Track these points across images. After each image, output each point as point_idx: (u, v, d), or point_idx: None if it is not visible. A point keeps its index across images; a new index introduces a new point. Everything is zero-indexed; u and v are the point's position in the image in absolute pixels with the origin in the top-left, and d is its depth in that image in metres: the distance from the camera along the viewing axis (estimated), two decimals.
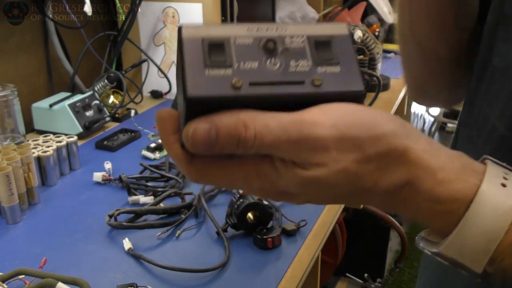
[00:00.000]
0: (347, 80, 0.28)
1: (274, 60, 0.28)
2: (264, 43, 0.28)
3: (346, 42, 0.29)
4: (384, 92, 1.50)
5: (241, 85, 0.27)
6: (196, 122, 0.28)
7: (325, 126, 0.28)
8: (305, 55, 0.28)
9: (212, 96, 0.26)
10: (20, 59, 1.23)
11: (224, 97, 0.26)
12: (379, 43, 1.48)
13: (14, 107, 1.03)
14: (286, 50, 0.28)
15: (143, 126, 1.21)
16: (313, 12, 2.18)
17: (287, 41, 0.28)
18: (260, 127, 0.27)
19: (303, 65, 0.28)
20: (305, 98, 0.28)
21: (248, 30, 0.28)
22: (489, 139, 0.41)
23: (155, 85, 1.48)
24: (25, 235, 0.81)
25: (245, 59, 0.27)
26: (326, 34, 0.29)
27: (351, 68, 0.28)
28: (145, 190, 0.92)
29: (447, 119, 3.34)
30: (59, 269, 0.70)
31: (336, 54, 0.28)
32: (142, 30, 1.46)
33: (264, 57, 0.28)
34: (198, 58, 0.27)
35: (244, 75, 0.27)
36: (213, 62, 0.27)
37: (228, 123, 0.27)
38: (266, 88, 0.27)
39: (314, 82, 0.27)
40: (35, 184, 0.88)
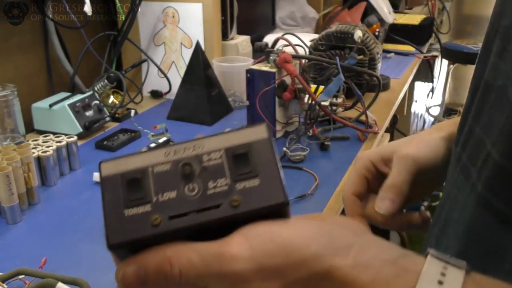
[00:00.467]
0: (267, 193, 0.28)
1: (192, 185, 0.28)
2: (181, 168, 0.28)
3: (266, 147, 0.29)
4: (384, 92, 1.50)
5: (160, 221, 0.27)
6: (125, 265, 0.29)
7: (244, 259, 0.28)
8: (223, 172, 0.28)
9: (132, 240, 0.27)
10: (20, 59, 1.23)
11: (145, 237, 0.27)
12: (379, 43, 1.48)
13: (14, 107, 1.03)
14: (204, 170, 0.28)
15: (143, 126, 1.21)
16: (313, 12, 2.18)
17: (204, 159, 0.28)
18: (183, 263, 0.28)
19: (221, 185, 0.28)
20: (224, 220, 0.28)
21: (165, 155, 0.29)
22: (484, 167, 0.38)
23: (155, 85, 1.48)
24: (25, 235, 0.81)
25: (164, 190, 0.28)
26: (245, 142, 0.29)
27: (271, 178, 0.28)
28: None
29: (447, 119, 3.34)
30: (59, 269, 0.70)
31: (255, 165, 0.28)
32: (142, 30, 1.46)
33: (182, 183, 0.28)
34: (117, 198, 0.28)
35: (163, 209, 0.27)
36: (131, 200, 0.27)
37: (154, 262, 0.28)
38: (185, 220, 0.27)
39: (232, 203, 0.27)
40: (35, 184, 0.88)
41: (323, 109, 1.14)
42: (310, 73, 1.41)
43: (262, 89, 1.11)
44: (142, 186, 0.28)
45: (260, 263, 0.28)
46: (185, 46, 1.44)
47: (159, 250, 0.28)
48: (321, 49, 1.42)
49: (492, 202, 0.37)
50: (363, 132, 1.17)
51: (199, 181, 0.28)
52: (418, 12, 2.76)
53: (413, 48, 2.03)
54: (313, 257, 0.29)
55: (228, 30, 1.50)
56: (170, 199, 0.28)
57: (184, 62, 1.43)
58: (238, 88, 1.39)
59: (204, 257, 0.28)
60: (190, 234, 0.28)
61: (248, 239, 0.29)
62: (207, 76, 1.26)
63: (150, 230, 0.27)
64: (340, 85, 1.14)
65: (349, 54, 1.27)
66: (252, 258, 0.28)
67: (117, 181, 0.28)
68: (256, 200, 0.28)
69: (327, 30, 1.42)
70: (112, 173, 0.28)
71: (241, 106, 1.36)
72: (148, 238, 0.27)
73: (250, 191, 0.28)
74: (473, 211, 0.39)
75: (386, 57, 1.93)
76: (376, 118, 1.22)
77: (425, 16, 2.35)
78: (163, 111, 1.33)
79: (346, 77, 1.16)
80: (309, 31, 2.13)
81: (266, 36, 1.80)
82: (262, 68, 1.13)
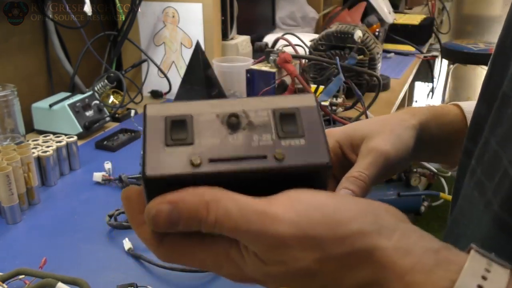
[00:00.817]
0: (312, 153, 0.28)
1: (236, 136, 0.27)
2: (227, 118, 0.28)
3: (313, 114, 0.29)
4: (384, 92, 1.50)
5: (200, 162, 0.26)
6: (158, 202, 0.27)
7: (288, 223, 0.27)
8: (269, 129, 0.28)
9: (169, 175, 0.26)
10: (20, 59, 1.23)
11: (182, 175, 0.26)
12: (379, 43, 1.48)
13: (14, 107, 1.03)
14: (250, 124, 0.28)
15: None
16: (313, 12, 2.18)
17: (251, 115, 0.28)
18: (221, 213, 0.27)
19: (266, 139, 0.27)
20: (267, 172, 0.27)
21: (211, 107, 0.28)
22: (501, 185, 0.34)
23: (155, 85, 1.48)
24: (25, 235, 0.81)
25: (207, 136, 0.27)
26: (292, 106, 0.29)
27: (317, 141, 0.28)
28: None
29: None
30: (59, 269, 0.69)
31: (301, 127, 0.28)
32: (142, 30, 1.46)
33: (226, 132, 0.28)
34: (159, 136, 0.27)
35: (204, 151, 0.27)
36: (174, 140, 0.27)
37: (190, 204, 0.27)
38: (226, 165, 0.27)
39: (276, 156, 0.27)
40: (35, 184, 0.88)
41: (323, 109, 1.14)
42: (310, 73, 1.41)
43: (262, 89, 1.11)
44: (186, 129, 0.27)
45: (303, 231, 0.27)
46: (185, 46, 1.44)
47: (198, 193, 0.27)
48: (321, 49, 1.42)
49: (509, 224, 0.34)
50: None
51: (244, 133, 0.27)
52: (418, 12, 2.76)
53: (413, 48, 2.03)
54: (358, 233, 0.27)
55: (228, 30, 1.50)
56: (213, 144, 0.27)
57: (184, 62, 1.43)
58: (238, 88, 1.39)
59: (245, 212, 0.27)
60: (228, 183, 0.27)
61: (294, 204, 0.28)
62: (207, 76, 1.26)
63: (189, 168, 0.26)
64: (340, 85, 1.14)
65: (349, 54, 1.27)
66: (296, 224, 0.27)
67: (161, 121, 0.27)
68: (301, 157, 0.27)
69: (327, 30, 1.42)
70: (157, 114, 0.28)
71: None
72: (186, 176, 0.26)
73: (295, 148, 0.27)
74: (488, 231, 0.36)
75: (386, 57, 1.93)
76: None
77: (425, 16, 2.35)
78: None
79: (346, 77, 1.16)
80: (309, 31, 2.13)
81: (266, 36, 1.80)
82: (262, 68, 1.13)
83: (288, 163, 0.27)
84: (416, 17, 2.29)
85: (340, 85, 1.13)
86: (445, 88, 3.27)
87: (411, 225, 0.30)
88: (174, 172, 0.26)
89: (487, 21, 3.92)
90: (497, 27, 3.90)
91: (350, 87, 1.19)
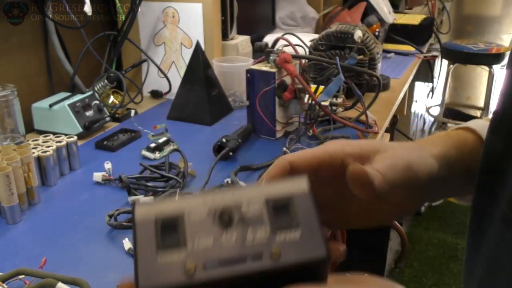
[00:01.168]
0: (308, 247, 0.27)
1: (230, 234, 0.27)
2: (219, 215, 0.27)
3: (307, 202, 0.28)
4: (384, 92, 1.50)
5: (195, 269, 0.25)
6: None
7: None
8: (263, 222, 0.27)
9: (164, 286, 0.25)
10: (20, 59, 1.23)
11: (177, 285, 0.25)
12: (379, 43, 1.48)
13: (14, 107, 1.03)
14: (243, 219, 0.27)
15: (143, 126, 1.21)
16: (313, 12, 2.18)
17: (243, 209, 0.27)
18: None
19: (260, 236, 0.27)
20: (263, 273, 0.26)
21: (202, 202, 0.28)
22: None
23: (155, 85, 1.48)
24: (25, 235, 0.81)
25: (200, 237, 0.26)
26: (285, 194, 0.28)
27: (313, 232, 0.27)
28: (145, 190, 0.92)
29: (447, 119, 3.33)
30: (59, 269, 0.70)
31: (296, 216, 0.27)
32: (142, 30, 1.46)
33: (219, 231, 0.27)
34: (150, 242, 0.26)
35: (198, 256, 0.26)
36: (165, 244, 0.26)
37: None
38: (221, 270, 0.26)
39: (272, 255, 0.26)
40: (35, 184, 0.88)
41: (323, 109, 1.14)
42: (310, 73, 1.41)
43: (262, 89, 1.11)
44: (177, 231, 0.27)
45: None
46: (185, 46, 1.44)
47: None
48: (321, 49, 1.42)
49: None
50: (363, 132, 1.16)
51: (237, 230, 0.27)
52: (418, 12, 2.76)
53: (413, 48, 2.03)
54: None
55: (228, 30, 1.50)
56: (206, 247, 0.26)
57: (184, 62, 1.43)
58: (238, 88, 1.39)
59: None
60: (225, 285, 0.26)
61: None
62: (207, 76, 1.26)
63: (184, 277, 0.25)
64: (340, 85, 1.14)
65: (349, 54, 1.27)
66: None
67: (150, 225, 0.27)
68: (297, 253, 0.26)
69: (327, 30, 1.42)
70: (146, 216, 0.27)
71: (241, 106, 1.36)
72: (181, 287, 0.25)
73: (290, 243, 0.26)
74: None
75: (386, 57, 1.93)
76: (376, 118, 1.22)
77: (425, 16, 2.35)
78: (163, 111, 1.33)
79: (346, 77, 1.16)
80: (309, 31, 2.13)
81: (266, 36, 1.80)
82: (262, 68, 1.13)
83: (285, 261, 0.26)
84: (416, 17, 2.29)
85: (340, 85, 1.13)
86: (445, 88, 3.27)
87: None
88: (168, 283, 0.25)
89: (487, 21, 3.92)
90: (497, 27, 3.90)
91: (350, 87, 1.19)
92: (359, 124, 1.19)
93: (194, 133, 1.22)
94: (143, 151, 1.08)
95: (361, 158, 0.38)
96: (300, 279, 0.27)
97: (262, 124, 1.16)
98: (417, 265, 2.33)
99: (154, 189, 0.91)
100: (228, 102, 1.35)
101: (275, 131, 1.15)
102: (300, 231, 0.27)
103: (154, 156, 1.06)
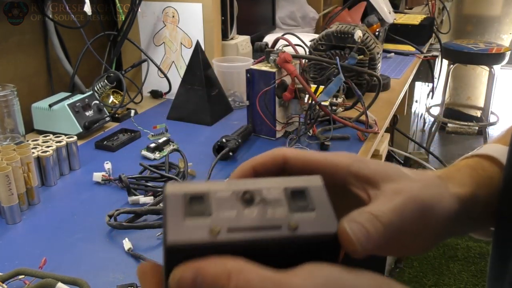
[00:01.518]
0: (323, 223, 0.29)
1: (251, 209, 0.29)
2: (242, 194, 0.30)
3: (321, 192, 0.31)
4: (384, 92, 1.50)
5: (219, 231, 0.28)
6: (182, 268, 0.28)
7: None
8: (282, 204, 0.30)
9: (190, 243, 0.28)
10: (20, 59, 1.23)
11: (203, 243, 0.28)
12: (379, 43, 1.48)
13: (14, 107, 1.03)
14: (263, 200, 0.30)
15: (143, 126, 1.21)
16: (313, 12, 2.18)
17: (264, 192, 0.30)
18: (242, 282, 0.27)
19: (280, 212, 0.29)
20: (282, 241, 0.29)
21: (227, 185, 0.31)
22: None
23: (155, 85, 1.48)
24: (25, 235, 0.81)
25: (224, 209, 0.29)
26: (302, 185, 0.31)
27: (327, 213, 0.30)
28: (145, 190, 0.91)
29: (447, 119, 3.33)
30: (59, 269, 0.70)
31: (311, 202, 0.30)
32: (142, 30, 1.46)
33: (242, 207, 0.29)
34: (179, 209, 0.29)
35: (222, 222, 0.29)
36: (192, 211, 0.29)
37: (213, 272, 0.28)
38: (243, 234, 0.28)
39: (290, 226, 0.29)
40: (35, 184, 0.88)
41: (323, 109, 1.14)
42: (310, 73, 1.41)
43: (262, 89, 1.11)
44: (204, 204, 0.29)
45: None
46: (185, 46, 1.44)
47: (221, 262, 0.28)
48: (321, 49, 1.42)
49: None
50: (363, 132, 1.16)
51: (258, 208, 0.30)
52: (418, 12, 2.76)
53: (413, 48, 2.03)
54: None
55: (228, 30, 1.50)
56: (230, 216, 0.29)
57: (184, 62, 1.43)
58: (238, 88, 1.39)
59: (265, 283, 0.27)
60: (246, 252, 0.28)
61: (312, 277, 0.28)
62: (207, 76, 1.26)
63: (208, 237, 0.28)
64: (340, 85, 1.14)
65: (349, 54, 1.27)
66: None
67: (179, 197, 0.30)
68: (312, 227, 0.29)
69: (327, 30, 1.42)
70: (176, 191, 0.30)
71: (241, 106, 1.36)
72: (206, 245, 0.28)
73: (307, 220, 0.29)
74: None
75: (386, 57, 1.93)
76: (376, 118, 1.22)
77: (425, 16, 2.35)
78: (163, 111, 1.33)
79: (346, 77, 1.16)
80: (309, 31, 2.13)
81: (266, 36, 1.80)
82: (262, 68, 1.13)
83: (301, 232, 0.29)
84: (416, 17, 2.29)
85: (340, 85, 1.13)
86: (445, 88, 3.27)
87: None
88: (194, 240, 0.28)
89: (487, 21, 3.92)
90: (497, 27, 3.90)
91: (350, 87, 1.19)
92: (359, 124, 1.19)
93: (194, 133, 1.22)
94: (143, 151, 1.08)
95: (368, 182, 0.35)
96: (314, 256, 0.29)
97: (262, 124, 1.16)
98: (417, 265, 2.33)
99: (154, 189, 0.91)
100: (228, 102, 1.35)
101: (275, 131, 1.15)
102: (315, 213, 0.30)
103: (154, 156, 1.06)
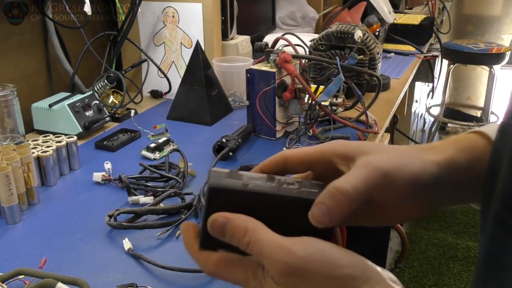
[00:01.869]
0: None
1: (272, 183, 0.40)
2: (266, 176, 0.41)
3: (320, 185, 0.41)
4: (384, 92, 1.50)
5: (248, 184, 0.39)
6: (218, 215, 0.38)
7: (298, 257, 0.36)
8: (294, 184, 0.41)
9: (226, 187, 0.39)
10: (20, 59, 1.23)
11: (234, 188, 0.39)
12: (379, 43, 1.48)
13: (13, 107, 1.03)
14: (280, 181, 0.41)
15: (143, 126, 1.21)
16: (313, 12, 2.18)
17: (282, 180, 0.41)
18: (254, 238, 0.37)
19: (293, 186, 0.40)
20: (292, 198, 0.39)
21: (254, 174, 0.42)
22: None
23: (155, 85, 1.48)
24: (25, 235, 0.81)
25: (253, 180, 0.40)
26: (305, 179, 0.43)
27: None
28: (145, 190, 0.91)
29: (447, 119, 3.33)
30: (59, 269, 0.70)
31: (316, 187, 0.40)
32: (142, 30, 1.46)
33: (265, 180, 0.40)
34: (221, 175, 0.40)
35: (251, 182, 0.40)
36: (231, 176, 0.40)
37: (237, 224, 0.38)
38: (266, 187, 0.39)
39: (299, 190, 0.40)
40: (35, 184, 0.88)
41: (323, 109, 1.13)
42: (310, 73, 1.41)
43: (262, 89, 1.11)
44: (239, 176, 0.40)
45: (306, 265, 0.35)
46: (185, 46, 1.44)
47: (244, 219, 0.38)
48: (321, 49, 1.42)
49: None
50: (363, 132, 1.16)
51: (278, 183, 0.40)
52: (418, 12, 2.76)
53: (413, 48, 2.03)
54: (348, 277, 0.35)
55: (228, 30, 1.50)
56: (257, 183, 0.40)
57: (184, 62, 1.43)
58: (238, 88, 1.39)
59: (271, 243, 0.36)
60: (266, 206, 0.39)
61: (306, 246, 0.36)
62: (207, 76, 1.26)
63: (240, 186, 0.39)
64: (340, 85, 1.14)
65: (349, 54, 1.27)
66: (303, 260, 0.36)
67: (221, 171, 0.40)
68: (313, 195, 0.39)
69: (327, 30, 1.42)
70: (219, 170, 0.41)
71: (241, 106, 1.36)
72: (239, 191, 0.38)
73: (311, 192, 0.40)
74: None
75: (386, 57, 1.93)
76: (376, 118, 1.22)
77: (425, 16, 2.35)
78: (163, 111, 1.33)
79: (346, 77, 1.16)
80: (309, 31, 2.13)
81: (266, 36, 1.80)
82: (262, 68, 1.13)
83: (306, 194, 0.39)
84: (416, 17, 2.29)
85: (340, 85, 1.13)
86: (445, 88, 3.27)
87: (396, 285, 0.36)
88: (230, 185, 0.39)
89: (487, 21, 3.92)
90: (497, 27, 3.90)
91: (350, 87, 1.19)
92: (359, 124, 1.19)
93: (194, 133, 1.22)
94: (143, 151, 1.08)
95: (347, 158, 0.41)
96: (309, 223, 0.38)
97: (262, 124, 1.16)
98: (417, 265, 2.33)
99: (154, 189, 0.91)
100: (228, 102, 1.35)
101: (275, 131, 1.15)
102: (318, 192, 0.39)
103: (154, 156, 1.06)
